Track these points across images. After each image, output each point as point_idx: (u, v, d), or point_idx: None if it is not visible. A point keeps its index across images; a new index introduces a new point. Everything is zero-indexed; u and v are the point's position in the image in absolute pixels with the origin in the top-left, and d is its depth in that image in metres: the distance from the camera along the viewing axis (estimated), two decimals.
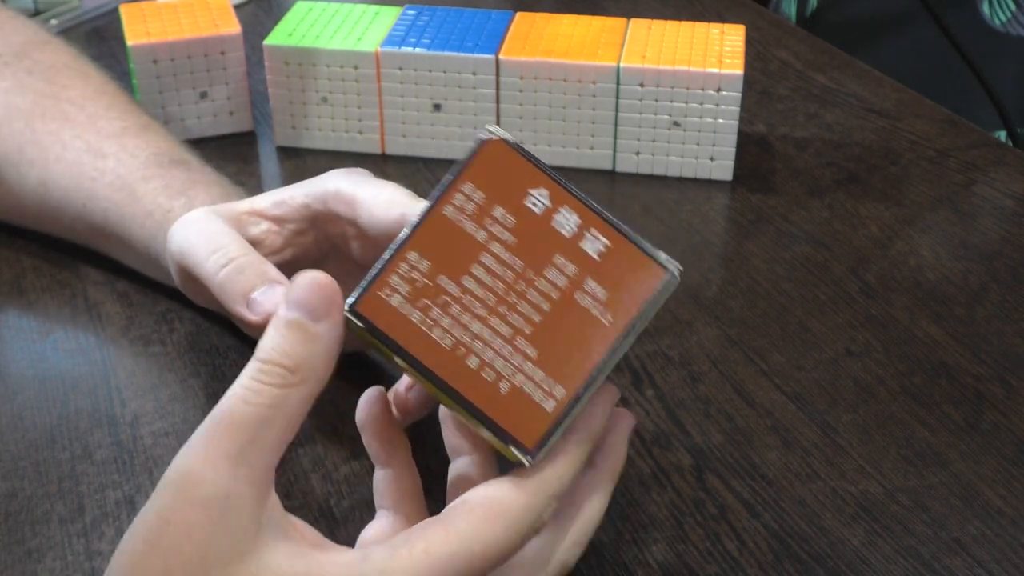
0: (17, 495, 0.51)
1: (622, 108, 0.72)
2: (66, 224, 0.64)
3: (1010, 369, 0.58)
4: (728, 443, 0.54)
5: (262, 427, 0.37)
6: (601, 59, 0.71)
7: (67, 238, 0.65)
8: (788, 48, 0.90)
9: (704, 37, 0.73)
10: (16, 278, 0.65)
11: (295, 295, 0.38)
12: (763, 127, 0.80)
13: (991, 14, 1.02)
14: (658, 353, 0.59)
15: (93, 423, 0.55)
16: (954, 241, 0.68)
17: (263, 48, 0.74)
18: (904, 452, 0.53)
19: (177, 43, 0.74)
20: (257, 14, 0.95)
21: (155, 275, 0.62)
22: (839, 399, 0.56)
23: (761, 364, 0.59)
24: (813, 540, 0.49)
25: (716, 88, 0.70)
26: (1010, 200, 0.72)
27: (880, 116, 0.81)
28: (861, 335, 0.61)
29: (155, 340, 0.60)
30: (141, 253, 0.60)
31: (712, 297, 0.64)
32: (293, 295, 0.38)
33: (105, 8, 0.95)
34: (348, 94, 0.75)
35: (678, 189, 0.73)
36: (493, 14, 0.77)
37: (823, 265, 0.66)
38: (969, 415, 0.56)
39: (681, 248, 0.68)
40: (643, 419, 0.55)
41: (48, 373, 0.58)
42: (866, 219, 0.70)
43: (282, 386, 0.37)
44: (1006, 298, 0.63)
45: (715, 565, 0.48)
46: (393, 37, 0.74)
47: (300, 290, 0.38)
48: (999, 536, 0.49)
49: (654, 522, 0.50)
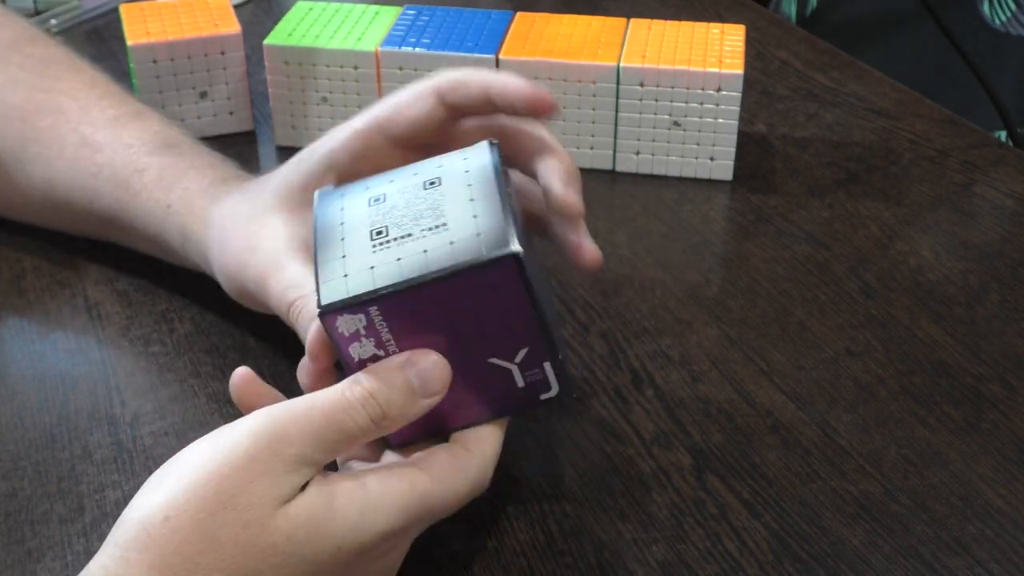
0: (17, 495, 0.51)
1: (622, 108, 0.72)
2: (76, 219, 0.64)
3: (1010, 369, 0.58)
4: (728, 443, 0.54)
5: (341, 440, 0.42)
6: (601, 59, 0.71)
7: (76, 232, 0.66)
8: (788, 48, 0.90)
9: (704, 37, 0.73)
10: (16, 278, 0.65)
11: (424, 368, 0.43)
12: (763, 127, 0.80)
13: (991, 14, 1.02)
14: (658, 353, 0.59)
15: (93, 423, 0.55)
16: (954, 241, 0.68)
17: (263, 48, 0.74)
18: (904, 452, 0.53)
19: (177, 43, 0.74)
20: (257, 14, 0.95)
21: (167, 260, 0.62)
22: (839, 399, 0.56)
23: (761, 364, 0.59)
24: (813, 540, 0.49)
25: (716, 88, 0.70)
26: (1010, 200, 0.72)
27: (880, 116, 0.81)
28: (861, 335, 0.61)
29: (155, 340, 0.60)
30: (151, 243, 0.61)
31: (712, 297, 0.64)
32: (423, 366, 0.43)
33: (105, 8, 0.95)
34: (348, 94, 0.75)
35: (678, 189, 0.73)
36: (493, 14, 0.77)
37: (823, 265, 0.66)
38: (969, 415, 0.56)
39: (681, 248, 0.68)
40: (643, 419, 0.55)
41: (48, 373, 0.58)
42: (866, 219, 0.70)
43: (371, 424, 0.43)
44: (1006, 298, 0.63)
45: (715, 565, 0.48)
46: (393, 37, 0.74)
47: (430, 368, 0.44)
48: (999, 536, 0.49)
49: (654, 522, 0.50)
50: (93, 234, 0.65)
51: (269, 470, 0.40)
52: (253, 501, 0.40)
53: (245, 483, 0.40)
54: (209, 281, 0.62)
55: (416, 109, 0.51)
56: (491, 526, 0.50)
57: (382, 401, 0.43)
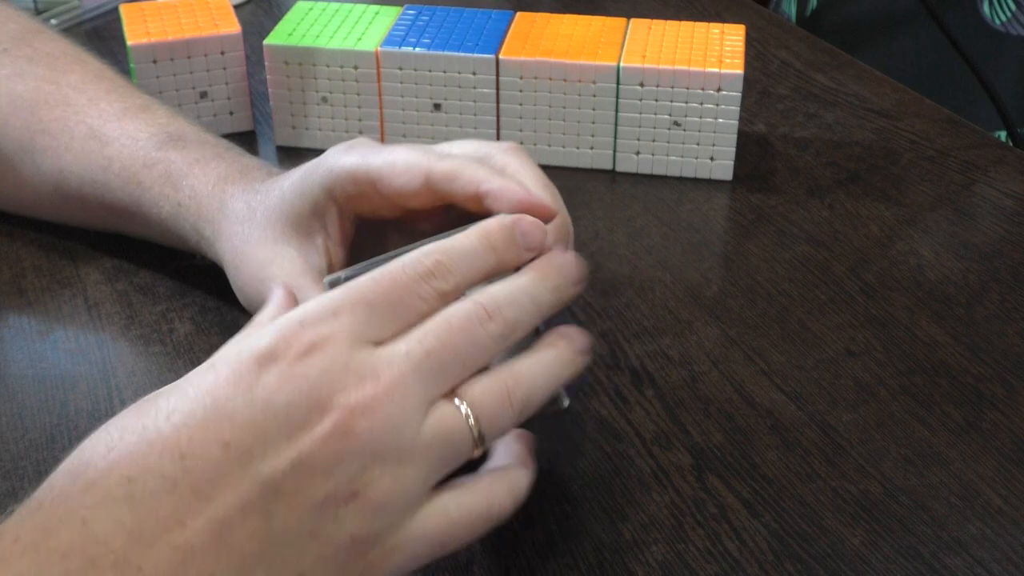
0: (17, 495, 0.51)
1: (622, 108, 0.72)
2: (90, 212, 0.64)
3: (1010, 369, 0.58)
4: (728, 443, 0.54)
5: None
6: (601, 59, 0.71)
7: (90, 225, 0.66)
8: (788, 48, 0.90)
9: (704, 37, 0.73)
10: (16, 278, 0.65)
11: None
12: (763, 127, 0.80)
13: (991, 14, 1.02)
14: (658, 353, 0.59)
15: (93, 423, 0.55)
16: (954, 241, 0.68)
17: (263, 48, 0.74)
18: (904, 452, 0.53)
19: (177, 43, 0.74)
20: (257, 14, 0.95)
21: (184, 250, 0.62)
22: (839, 399, 0.56)
23: (761, 364, 0.59)
24: (813, 540, 0.49)
25: (716, 88, 0.70)
26: (1010, 200, 0.72)
27: (880, 116, 0.81)
28: (861, 335, 0.61)
29: (155, 340, 0.60)
30: (166, 236, 0.61)
31: (712, 297, 0.64)
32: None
33: (105, 8, 0.95)
34: (348, 94, 0.75)
35: (678, 189, 0.73)
36: (493, 14, 0.77)
37: (823, 265, 0.66)
38: (969, 415, 0.56)
39: (681, 248, 0.68)
40: (643, 419, 0.55)
41: (48, 373, 0.58)
42: (866, 219, 0.70)
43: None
44: (1006, 298, 0.63)
45: (715, 565, 0.48)
46: (393, 37, 0.74)
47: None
48: (999, 536, 0.49)
49: (654, 522, 0.50)
50: (108, 227, 0.65)
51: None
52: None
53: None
54: (209, 281, 0.62)
55: (403, 181, 0.49)
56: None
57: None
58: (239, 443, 0.38)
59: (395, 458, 0.39)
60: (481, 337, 0.42)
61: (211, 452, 0.37)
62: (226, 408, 0.38)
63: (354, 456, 0.39)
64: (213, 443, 0.38)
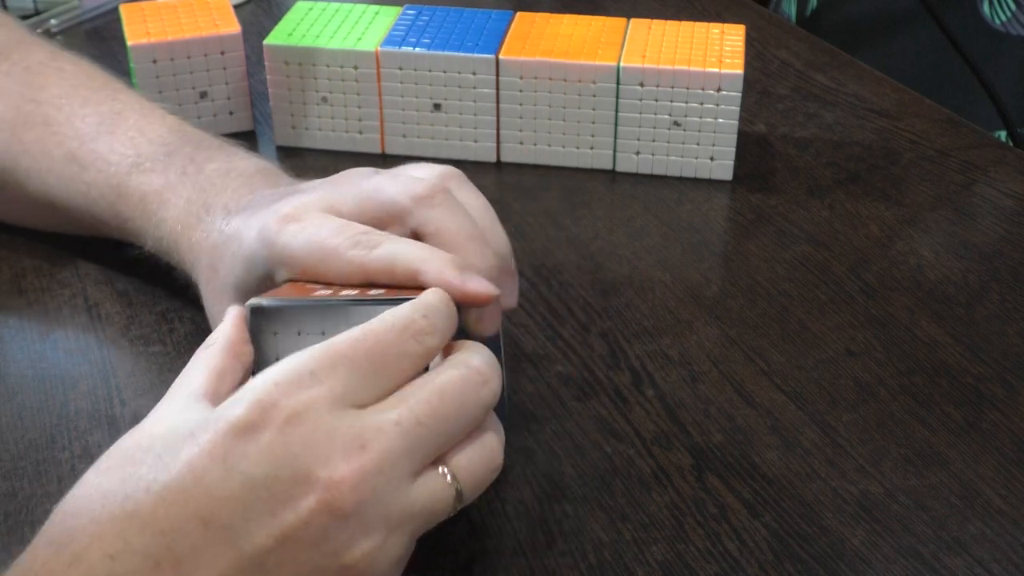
0: (17, 495, 0.51)
1: (622, 108, 0.72)
2: (82, 226, 0.64)
3: (1010, 369, 0.58)
4: (728, 443, 0.54)
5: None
6: (601, 59, 0.71)
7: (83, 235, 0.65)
8: (788, 48, 0.90)
9: (704, 37, 0.73)
10: (16, 278, 0.65)
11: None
12: (763, 127, 0.80)
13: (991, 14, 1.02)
14: (658, 353, 0.59)
15: (93, 423, 0.55)
16: (954, 241, 0.68)
17: (263, 48, 0.74)
18: (904, 452, 0.53)
19: (177, 43, 0.74)
20: (257, 14, 0.95)
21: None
22: (839, 399, 0.56)
23: (761, 364, 0.59)
24: (813, 540, 0.49)
25: (716, 88, 0.70)
26: (1010, 200, 0.72)
27: (880, 116, 0.81)
28: (861, 335, 0.61)
29: (155, 340, 0.60)
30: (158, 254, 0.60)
31: (712, 297, 0.64)
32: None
33: (105, 8, 0.95)
34: (348, 94, 0.75)
35: (678, 189, 0.73)
36: (493, 14, 0.77)
37: (823, 265, 0.66)
38: (969, 415, 0.56)
39: (681, 248, 0.68)
40: (643, 419, 0.55)
41: (48, 373, 0.58)
42: (866, 219, 0.70)
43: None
44: (1006, 298, 0.63)
45: (715, 565, 0.48)
46: (393, 37, 0.74)
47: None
48: (999, 536, 0.49)
49: (654, 522, 0.50)
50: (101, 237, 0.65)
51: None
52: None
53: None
54: None
55: (344, 274, 0.47)
56: (491, 526, 0.50)
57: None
58: (219, 519, 0.37)
59: (383, 528, 0.39)
60: (472, 404, 0.41)
61: (192, 528, 0.37)
62: (204, 482, 0.37)
63: (341, 529, 0.38)
64: (192, 519, 0.37)
